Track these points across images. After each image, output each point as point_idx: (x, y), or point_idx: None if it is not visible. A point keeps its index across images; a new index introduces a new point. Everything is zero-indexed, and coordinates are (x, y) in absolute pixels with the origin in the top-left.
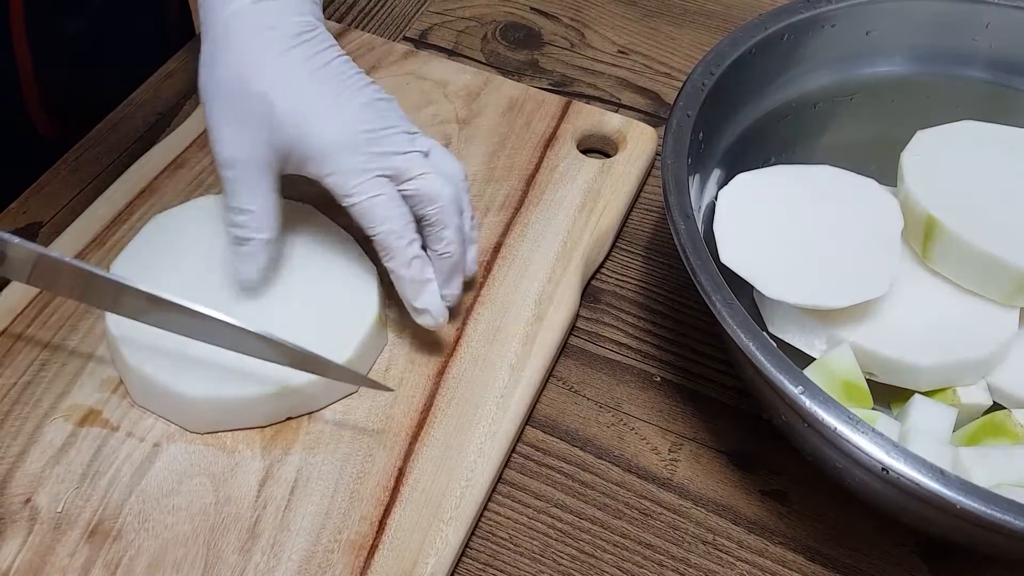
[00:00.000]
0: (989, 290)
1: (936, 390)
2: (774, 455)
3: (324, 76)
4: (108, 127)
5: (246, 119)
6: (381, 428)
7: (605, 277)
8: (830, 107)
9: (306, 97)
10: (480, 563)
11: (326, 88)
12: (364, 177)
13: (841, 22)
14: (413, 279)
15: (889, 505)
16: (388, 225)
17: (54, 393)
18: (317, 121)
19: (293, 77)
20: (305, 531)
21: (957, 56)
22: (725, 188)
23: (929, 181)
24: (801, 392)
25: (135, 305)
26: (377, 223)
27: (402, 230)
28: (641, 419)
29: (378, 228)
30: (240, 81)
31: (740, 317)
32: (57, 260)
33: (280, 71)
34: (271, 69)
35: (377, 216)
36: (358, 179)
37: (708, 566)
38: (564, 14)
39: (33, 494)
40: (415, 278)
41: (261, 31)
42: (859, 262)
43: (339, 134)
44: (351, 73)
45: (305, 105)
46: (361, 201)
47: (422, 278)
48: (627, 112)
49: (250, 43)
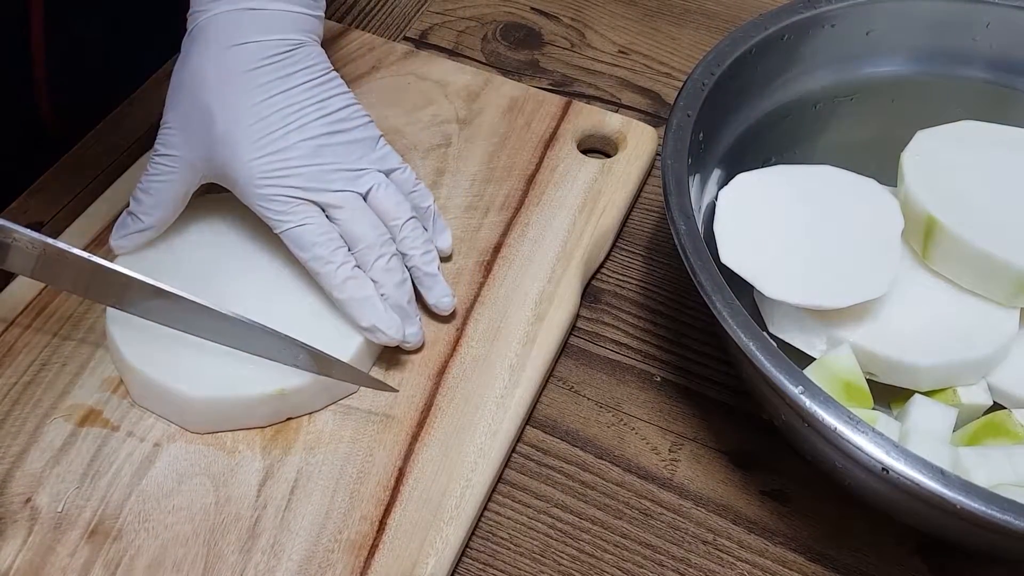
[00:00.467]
0: (989, 290)
1: (936, 390)
2: (774, 455)
3: (279, 102)
4: (108, 127)
5: (189, 124)
6: (381, 428)
7: (605, 277)
8: (830, 107)
9: (248, 122)
10: (480, 563)
11: (275, 115)
12: (288, 206)
13: (841, 22)
14: (350, 299)
15: (889, 505)
16: (314, 251)
17: (54, 393)
18: (250, 148)
19: (243, 99)
20: (305, 531)
21: (957, 56)
22: (725, 188)
23: (929, 181)
24: (801, 392)
25: (141, 299)
26: (303, 249)
27: (330, 255)
28: (641, 419)
29: (305, 255)
30: (195, 86)
31: (740, 317)
32: (62, 251)
33: (233, 90)
34: (227, 86)
35: (303, 243)
36: (282, 207)
37: (708, 566)
38: (564, 14)
39: (33, 494)
40: (352, 297)
41: (231, 45)
42: (859, 262)
43: (268, 164)
44: (315, 100)
45: (243, 130)
46: (288, 229)
47: (360, 296)
48: (627, 112)
49: (219, 54)
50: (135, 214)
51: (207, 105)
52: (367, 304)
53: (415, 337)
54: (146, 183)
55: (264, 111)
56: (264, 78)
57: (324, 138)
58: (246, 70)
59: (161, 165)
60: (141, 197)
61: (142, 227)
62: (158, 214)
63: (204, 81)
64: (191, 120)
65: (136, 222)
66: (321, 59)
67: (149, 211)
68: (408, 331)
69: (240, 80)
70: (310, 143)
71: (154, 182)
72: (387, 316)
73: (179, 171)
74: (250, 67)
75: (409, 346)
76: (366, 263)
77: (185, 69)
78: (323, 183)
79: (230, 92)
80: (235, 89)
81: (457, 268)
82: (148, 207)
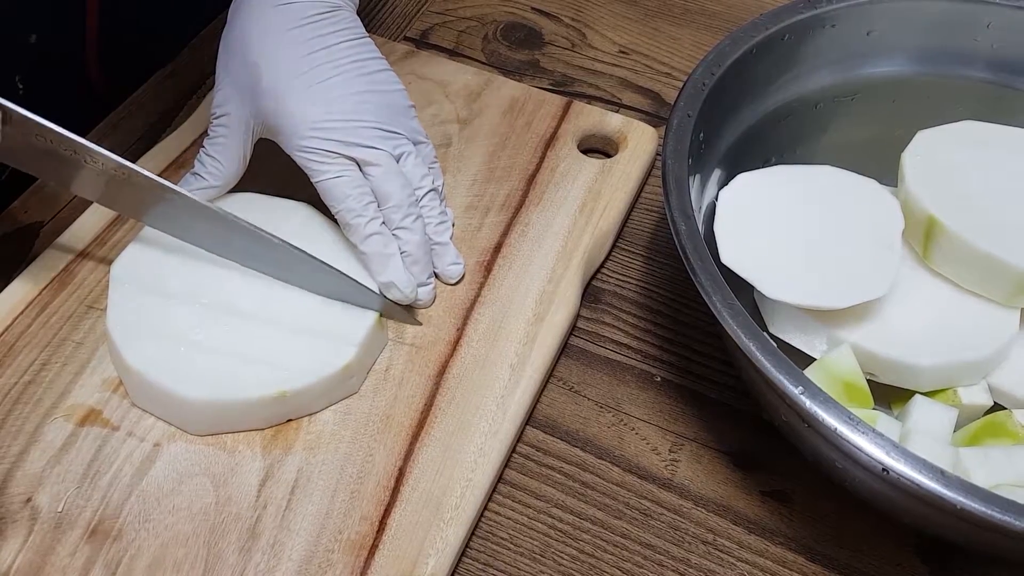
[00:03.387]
0: (990, 290)
1: (937, 390)
2: (775, 455)
3: (321, 57)
4: (109, 127)
5: (238, 81)
6: (382, 428)
7: (606, 277)
8: (831, 107)
9: (292, 75)
10: (480, 563)
11: (317, 70)
12: (328, 158)
13: (842, 22)
14: (374, 254)
15: (889, 505)
16: (347, 204)
17: (55, 393)
18: (295, 100)
19: (287, 55)
20: (305, 531)
21: (958, 56)
22: (726, 188)
23: (930, 181)
24: (801, 392)
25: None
26: (337, 201)
27: (361, 209)
28: (641, 419)
29: (338, 206)
30: (242, 47)
31: (741, 317)
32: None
33: (278, 46)
34: (271, 43)
35: (337, 195)
36: (322, 159)
37: (708, 566)
38: (565, 14)
39: (34, 494)
40: (376, 252)
41: (275, 6)
42: (860, 262)
43: (313, 116)
44: (354, 59)
45: (288, 82)
46: (324, 180)
47: (384, 252)
48: (628, 112)
49: (262, 14)
50: (199, 174)
51: (254, 62)
52: (389, 261)
53: (427, 295)
54: (208, 145)
55: (307, 65)
56: (307, 35)
57: (365, 96)
58: (289, 28)
59: (219, 127)
60: (204, 159)
61: (206, 185)
62: (221, 172)
63: (249, 40)
64: (240, 78)
65: (200, 180)
66: (357, 24)
67: (213, 171)
68: (421, 290)
69: (283, 37)
70: (352, 99)
71: (215, 143)
72: (404, 275)
73: (235, 129)
74: (292, 26)
75: (421, 303)
76: (392, 221)
77: (232, 31)
78: (362, 139)
79: (274, 48)
80: (279, 45)
81: None
82: (211, 167)
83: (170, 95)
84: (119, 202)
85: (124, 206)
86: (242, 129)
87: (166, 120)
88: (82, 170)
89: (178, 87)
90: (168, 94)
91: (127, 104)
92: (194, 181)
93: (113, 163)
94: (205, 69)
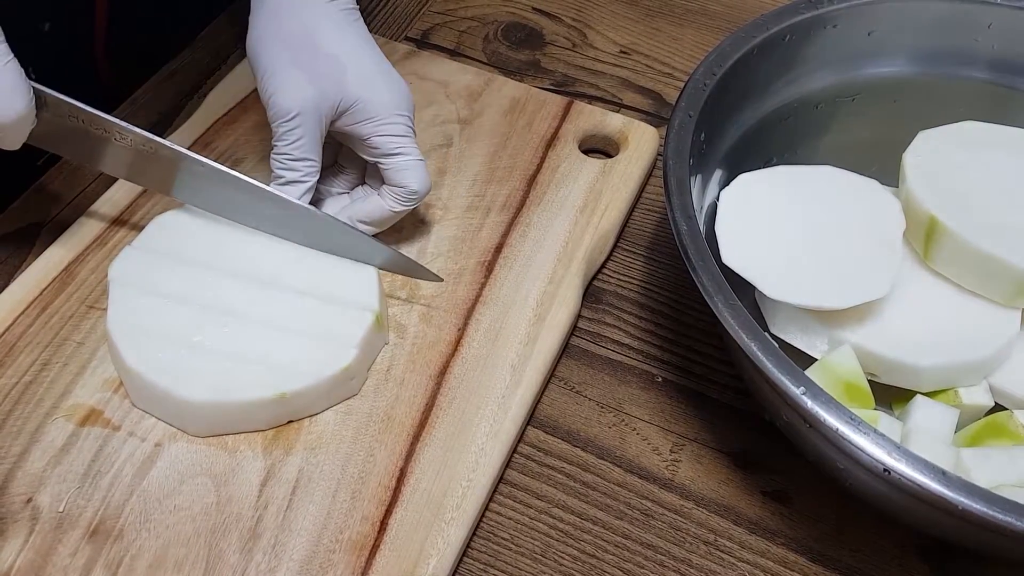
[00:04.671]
0: (991, 291)
1: (938, 391)
2: (776, 456)
3: (375, 49)
4: None
5: (317, 76)
6: (383, 428)
7: (607, 277)
8: (832, 108)
9: (371, 64)
10: (481, 563)
11: (380, 59)
12: (407, 140)
13: (843, 22)
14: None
15: (890, 506)
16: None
17: (55, 393)
18: (381, 86)
19: (357, 46)
20: (306, 531)
21: (959, 57)
22: (727, 188)
23: (931, 182)
24: (803, 393)
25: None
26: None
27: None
28: (643, 419)
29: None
30: (310, 40)
31: (742, 318)
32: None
33: (346, 39)
34: (338, 35)
35: (409, 177)
36: (402, 140)
37: (709, 567)
38: (566, 14)
39: (34, 494)
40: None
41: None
42: (861, 263)
43: (395, 99)
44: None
45: (371, 70)
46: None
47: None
48: (629, 112)
49: (312, 9)
50: (296, 181)
51: (334, 56)
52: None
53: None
54: (291, 150)
55: (373, 55)
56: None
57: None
58: (342, 22)
59: (295, 127)
60: (294, 164)
61: (307, 187)
62: (316, 168)
63: (319, 34)
64: (318, 73)
65: (298, 186)
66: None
67: (309, 170)
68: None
69: (345, 31)
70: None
71: (298, 144)
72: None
73: (311, 125)
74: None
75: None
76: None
77: (287, 22)
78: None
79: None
80: (347, 38)
81: (458, 268)
82: (305, 168)
83: (170, 95)
84: (147, 175)
85: (152, 179)
86: (317, 122)
87: (166, 120)
88: (112, 147)
89: (178, 87)
90: (168, 94)
91: (127, 104)
92: (294, 189)
93: (141, 138)
94: (205, 69)
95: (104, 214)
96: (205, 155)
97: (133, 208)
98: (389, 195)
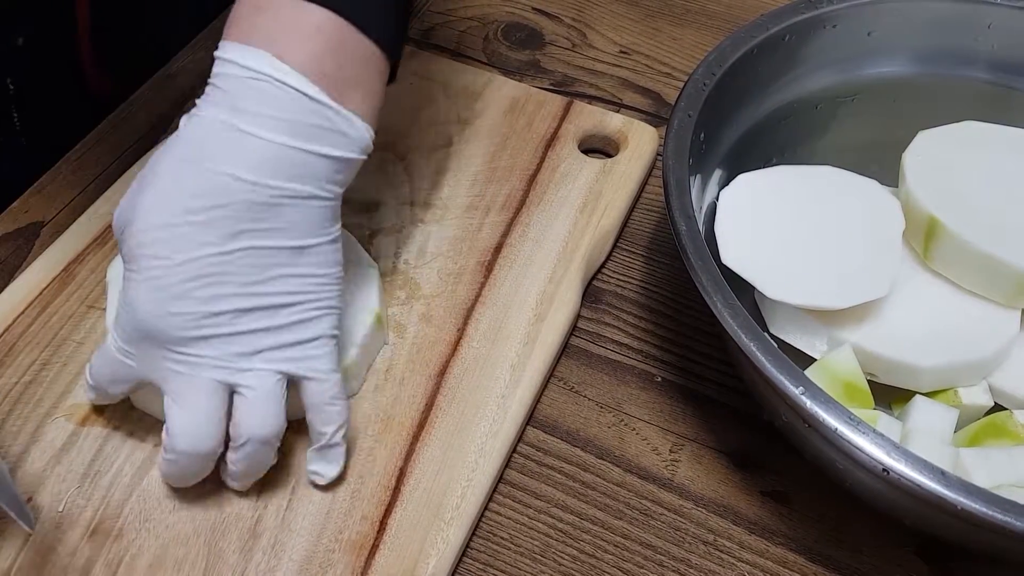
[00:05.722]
0: (990, 291)
1: (937, 391)
2: (775, 456)
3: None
4: (109, 127)
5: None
6: (382, 428)
7: (606, 277)
8: (832, 108)
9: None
10: (481, 563)
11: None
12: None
13: (843, 22)
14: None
15: (890, 506)
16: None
17: (55, 393)
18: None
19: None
20: (306, 531)
21: (959, 57)
22: (726, 188)
23: (931, 182)
24: (802, 393)
25: None
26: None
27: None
28: (642, 419)
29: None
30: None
31: (741, 318)
32: None
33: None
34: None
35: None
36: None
37: (709, 567)
38: (566, 14)
39: (34, 494)
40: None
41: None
42: (860, 263)
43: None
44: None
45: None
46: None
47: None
48: (628, 112)
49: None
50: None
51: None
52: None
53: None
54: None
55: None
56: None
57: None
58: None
59: None
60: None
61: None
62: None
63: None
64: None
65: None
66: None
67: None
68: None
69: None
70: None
71: None
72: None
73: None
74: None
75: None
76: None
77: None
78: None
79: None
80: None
81: (458, 268)
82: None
83: (170, 95)
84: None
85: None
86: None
87: (166, 120)
88: None
89: (178, 87)
90: (168, 94)
91: (127, 104)
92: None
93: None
94: (205, 69)
95: (104, 214)
96: None
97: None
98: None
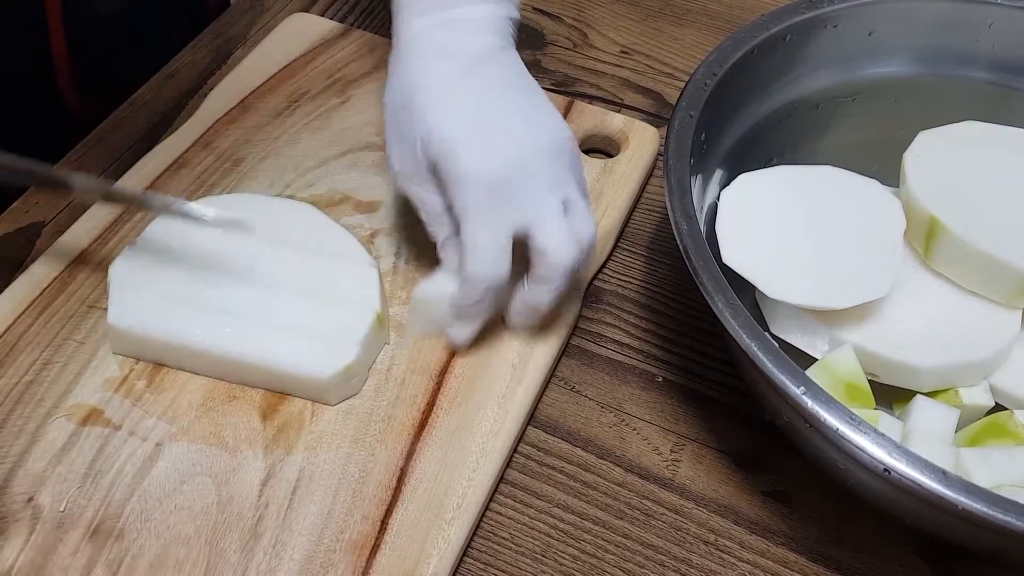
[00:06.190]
0: (991, 291)
1: (938, 391)
2: (776, 456)
3: (490, 106)
4: (110, 127)
5: (405, 135)
6: (383, 428)
7: (607, 277)
8: (832, 108)
9: (461, 124)
10: (482, 563)
11: (484, 118)
12: (488, 231)
13: (843, 22)
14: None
15: (891, 506)
16: (483, 277)
17: (56, 392)
18: (463, 152)
19: (455, 102)
20: (307, 531)
21: (960, 57)
22: (727, 188)
23: (931, 182)
24: (803, 393)
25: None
26: (474, 270)
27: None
28: (643, 419)
29: (471, 271)
30: (405, 98)
31: (742, 318)
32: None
33: (443, 95)
34: (435, 93)
35: (475, 266)
36: (482, 231)
37: (710, 566)
38: (567, 14)
39: (35, 493)
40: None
41: (434, 57)
42: (861, 263)
43: (476, 172)
44: (518, 106)
45: (457, 132)
46: (474, 254)
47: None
48: (629, 112)
49: (423, 66)
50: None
51: (421, 111)
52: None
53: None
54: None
55: (476, 114)
56: (473, 86)
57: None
58: (454, 76)
59: (408, 188)
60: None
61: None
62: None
63: (416, 93)
64: (407, 131)
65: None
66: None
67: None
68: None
69: (450, 87)
70: (519, 153)
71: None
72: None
73: (421, 180)
74: (459, 74)
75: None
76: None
77: (394, 86)
78: (525, 198)
79: (442, 98)
80: (446, 94)
81: None
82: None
83: (170, 95)
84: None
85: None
86: (426, 176)
87: (166, 120)
88: (75, 191)
89: (178, 87)
90: (168, 94)
91: (126, 105)
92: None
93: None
94: (205, 69)
95: (104, 214)
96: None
97: (134, 208)
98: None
